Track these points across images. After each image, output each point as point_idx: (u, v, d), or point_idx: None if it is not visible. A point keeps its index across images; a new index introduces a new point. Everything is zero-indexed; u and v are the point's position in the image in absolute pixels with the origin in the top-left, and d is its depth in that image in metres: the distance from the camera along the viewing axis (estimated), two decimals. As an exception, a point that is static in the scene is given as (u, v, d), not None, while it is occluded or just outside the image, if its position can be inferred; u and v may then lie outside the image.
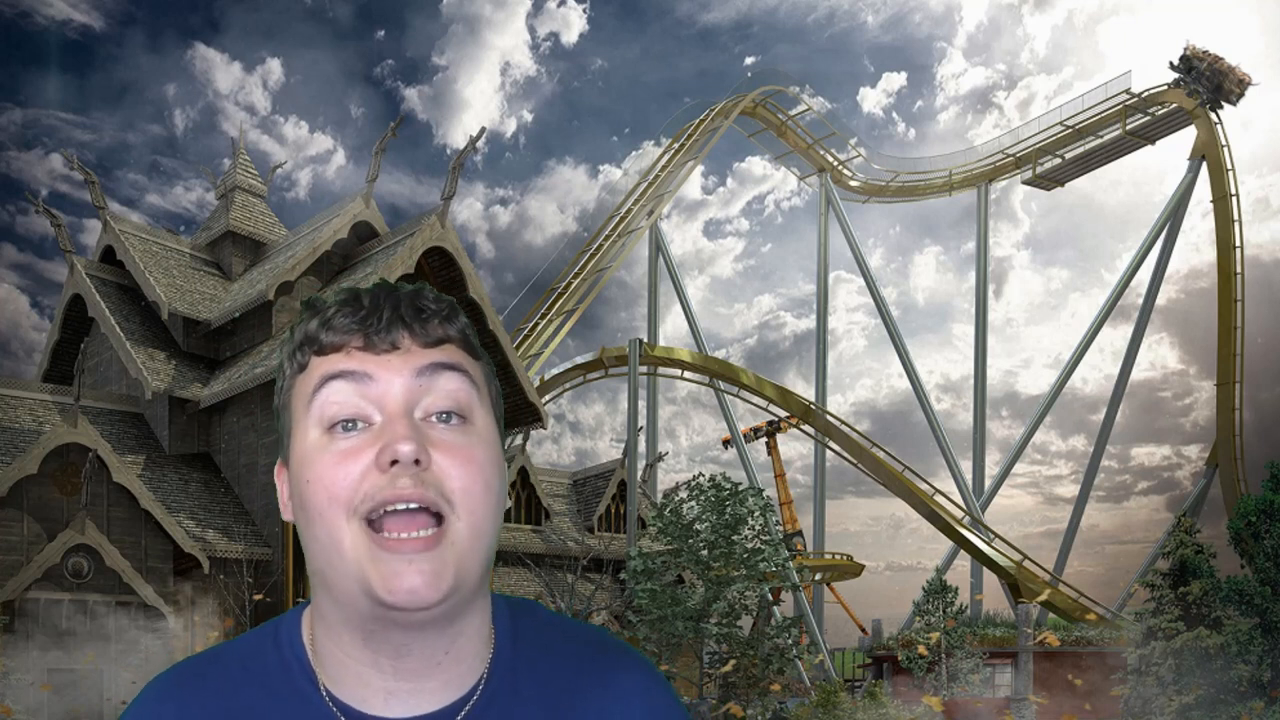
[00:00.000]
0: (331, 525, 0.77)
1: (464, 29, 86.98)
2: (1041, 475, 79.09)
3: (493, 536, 0.81)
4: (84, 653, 16.20)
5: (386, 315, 0.81)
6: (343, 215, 22.27)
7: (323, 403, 0.80)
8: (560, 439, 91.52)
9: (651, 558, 21.39)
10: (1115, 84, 35.04)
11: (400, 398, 0.79)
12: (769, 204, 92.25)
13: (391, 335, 0.81)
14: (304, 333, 0.83)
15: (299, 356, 0.83)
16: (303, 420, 0.81)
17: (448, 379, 0.81)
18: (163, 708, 0.86)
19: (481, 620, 0.87)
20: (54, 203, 36.59)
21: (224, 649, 0.90)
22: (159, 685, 0.88)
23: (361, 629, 0.81)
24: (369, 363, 0.80)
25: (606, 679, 0.91)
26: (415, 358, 0.81)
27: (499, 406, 0.88)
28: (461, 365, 0.83)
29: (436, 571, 0.76)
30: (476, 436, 0.81)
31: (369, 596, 0.77)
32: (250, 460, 20.83)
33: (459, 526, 0.77)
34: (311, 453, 0.79)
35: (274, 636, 0.89)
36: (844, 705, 19.33)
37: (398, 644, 0.81)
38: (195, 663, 0.89)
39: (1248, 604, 17.39)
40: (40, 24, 72.89)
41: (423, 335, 0.82)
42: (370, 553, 0.76)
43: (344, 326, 0.81)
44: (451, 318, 0.84)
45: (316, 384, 0.81)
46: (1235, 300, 34.93)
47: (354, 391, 0.79)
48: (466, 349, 0.85)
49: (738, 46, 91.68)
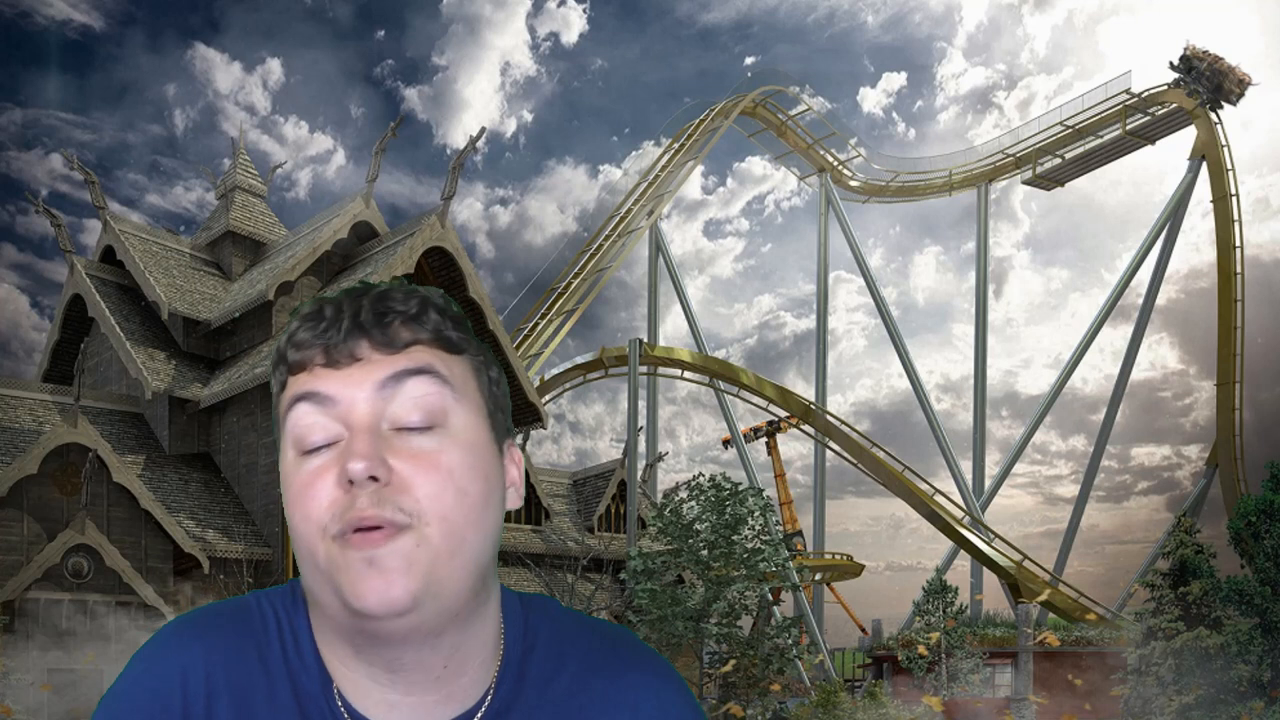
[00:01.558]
0: (308, 544, 0.76)
1: (464, 29, 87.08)
2: (1041, 475, 79.10)
3: (477, 544, 0.78)
4: (84, 653, 16.19)
5: (345, 326, 0.78)
6: (343, 215, 22.27)
7: (293, 425, 0.79)
8: (560, 439, 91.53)
9: (651, 558, 21.39)
10: (1115, 84, 35.08)
11: (364, 413, 0.76)
12: (769, 204, 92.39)
13: (349, 346, 0.78)
14: (277, 349, 0.82)
15: (278, 374, 0.82)
16: (283, 437, 0.81)
17: (414, 385, 0.78)
18: (189, 646, 0.83)
19: (484, 630, 0.84)
20: (54, 203, 36.61)
21: (259, 600, 0.87)
22: (185, 623, 0.86)
23: (351, 643, 0.80)
24: (331, 380, 0.78)
25: (619, 681, 0.89)
26: (377, 368, 0.78)
27: (497, 398, 0.85)
28: (430, 368, 0.79)
29: (403, 570, 0.73)
30: (449, 441, 0.78)
31: (346, 608, 0.76)
32: (250, 460, 20.83)
33: (428, 532, 0.75)
34: (289, 473, 0.79)
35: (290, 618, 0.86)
36: (844, 705, 19.33)
37: (389, 658, 0.79)
38: (221, 608, 0.87)
39: (1248, 604, 17.40)
40: (40, 24, 72.96)
41: (385, 342, 0.78)
42: (338, 561, 0.75)
43: (306, 342, 0.79)
44: (420, 316, 0.80)
45: (288, 405, 0.80)
46: (1235, 300, 34.94)
47: (319, 412, 0.78)
48: (441, 346, 0.80)
49: (738, 46, 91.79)
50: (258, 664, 0.83)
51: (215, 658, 0.83)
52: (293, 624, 0.85)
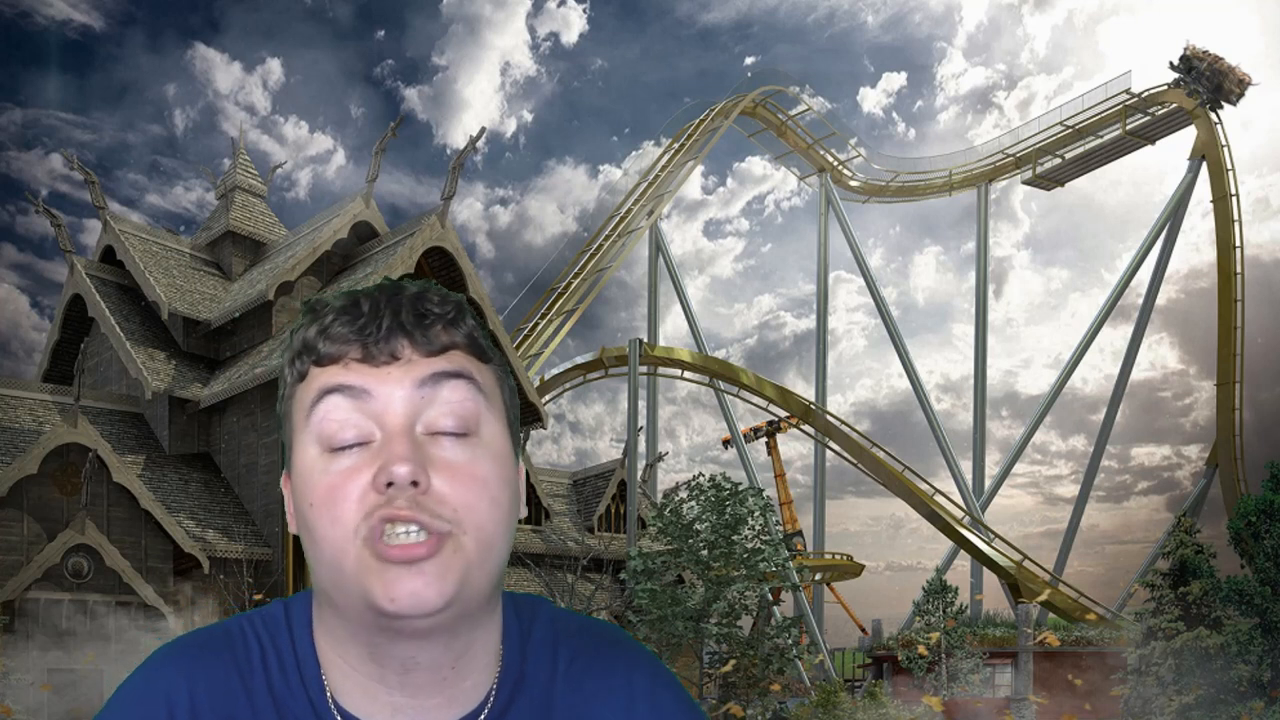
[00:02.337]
0: (335, 548, 0.75)
1: (464, 29, 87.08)
2: (1041, 475, 79.10)
3: (502, 552, 0.78)
4: (84, 653, 16.19)
5: (386, 323, 0.77)
6: (343, 215, 22.27)
7: (321, 419, 0.77)
8: (560, 439, 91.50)
9: (651, 558, 21.39)
10: (1115, 84, 35.07)
11: (400, 413, 0.75)
12: (769, 204, 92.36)
13: (391, 345, 0.76)
14: (302, 340, 0.79)
15: (298, 365, 0.79)
16: (302, 432, 0.78)
17: (451, 389, 0.77)
18: (173, 677, 0.84)
19: (490, 635, 0.85)
20: (54, 203, 36.58)
21: (241, 624, 0.88)
22: (169, 653, 0.86)
23: (368, 643, 0.80)
24: (368, 376, 0.76)
25: (612, 680, 0.89)
26: (416, 369, 0.77)
27: (513, 409, 0.84)
28: (467, 373, 0.79)
29: (439, 575, 0.73)
30: (483, 450, 0.77)
31: (372, 609, 0.75)
32: (250, 460, 20.83)
33: (464, 540, 0.75)
34: (312, 472, 0.77)
35: (287, 625, 0.87)
36: (844, 705, 19.33)
37: (404, 657, 0.79)
38: (212, 635, 0.88)
39: (1248, 604, 17.40)
40: (40, 24, 72.97)
41: (425, 343, 0.77)
42: (371, 565, 0.74)
43: (342, 336, 0.77)
44: (457, 321, 0.80)
45: (315, 397, 0.77)
46: (1235, 300, 34.95)
47: (352, 407, 0.76)
48: (474, 353, 0.80)
49: (738, 46, 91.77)
50: (241, 691, 0.84)
51: (199, 685, 0.83)
52: (277, 647, 0.86)
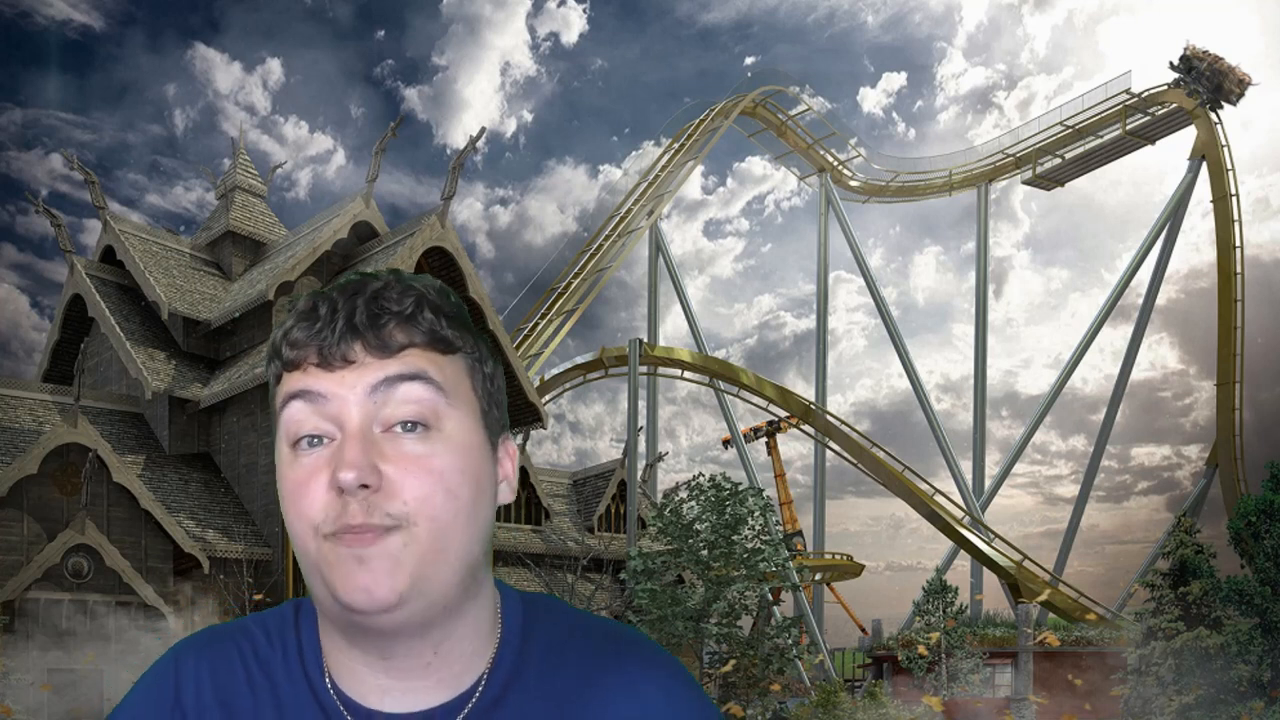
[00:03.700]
0: (301, 540, 0.79)
1: (464, 29, 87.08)
2: (1041, 475, 79.12)
3: (464, 542, 0.79)
4: (84, 653, 16.19)
5: (340, 326, 0.78)
6: (343, 215, 22.27)
7: (287, 421, 0.80)
8: (560, 439, 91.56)
9: (651, 558, 21.40)
10: (1115, 84, 35.09)
11: (354, 416, 0.77)
12: (769, 204, 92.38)
13: (343, 349, 0.78)
14: (273, 343, 0.83)
15: (272, 368, 0.83)
16: (278, 431, 0.82)
17: (406, 390, 0.78)
18: (184, 665, 0.90)
19: (476, 622, 0.86)
20: (54, 203, 36.59)
21: (251, 622, 0.93)
22: (191, 643, 0.92)
23: (344, 633, 0.83)
24: (324, 380, 0.78)
25: (626, 678, 0.88)
26: (369, 372, 0.78)
27: (491, 394, 0.85)
28: (422, 373, 0.79)
29: (390, 570, 0.75)
30: (441, 444, 0.78)
31: (336, 601, 0.78)
32: (250, 460, 20.83)
33: (416, 532, 0.76)
34: (283, 469, 0.80)
35: (295, 620, 0.92)
36: (844, 705, 19.33)
37: (380, 647, 0.82)
38: (224, 630, 0.93)
39: (1248, 604, 17.41)
40: (40, 24, 72.98)
41: (378, 346, 0.78)
42: (329, 559, 0.77)
43: (299, 341, 0.80)
44: (415, 317, 0.80)
45: (282, 401, 0.81)
46: (1235, 300, 34.96)
47: (312, 411, 0.78)
48: (435, 347, 0.80)
49: (738, 46, 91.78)
50: (243, 679, 0.89)
51: (204, 673, 0.89)
52: (284, 639, 0.91)
